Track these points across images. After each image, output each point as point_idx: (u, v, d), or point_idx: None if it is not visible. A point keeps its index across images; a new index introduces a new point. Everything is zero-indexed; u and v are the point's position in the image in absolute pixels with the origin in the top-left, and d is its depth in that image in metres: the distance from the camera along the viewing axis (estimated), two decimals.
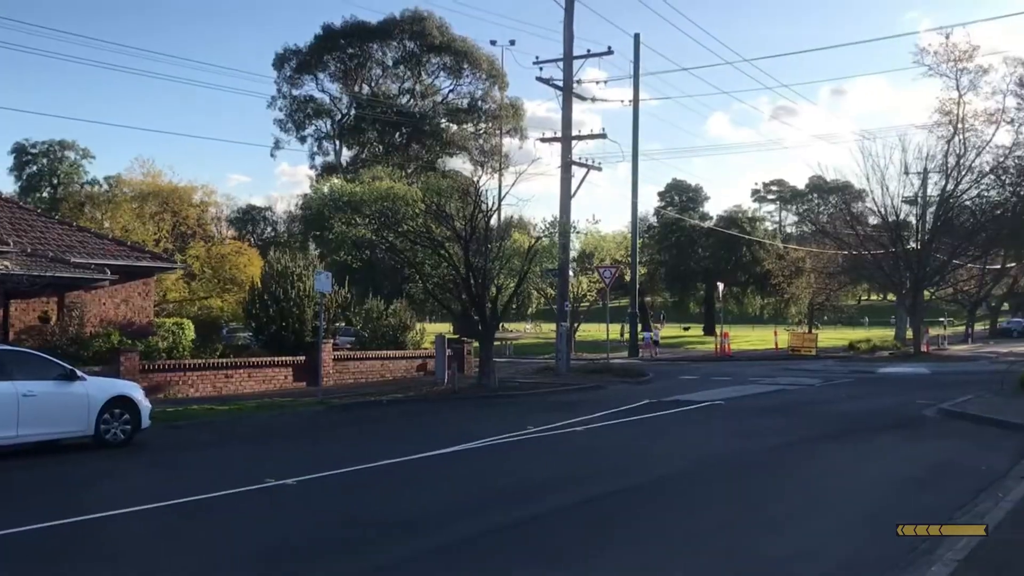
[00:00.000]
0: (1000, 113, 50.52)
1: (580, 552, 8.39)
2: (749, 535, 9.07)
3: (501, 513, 10.02)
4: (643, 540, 8.80)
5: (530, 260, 27.80)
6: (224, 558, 8.26)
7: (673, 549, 8.58)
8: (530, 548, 8.53)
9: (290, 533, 9.12)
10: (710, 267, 77.38)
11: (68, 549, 8.61)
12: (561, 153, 33.93)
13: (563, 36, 33.73)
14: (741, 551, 8.46)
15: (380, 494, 11.34)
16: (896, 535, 8.46)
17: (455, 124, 75.16)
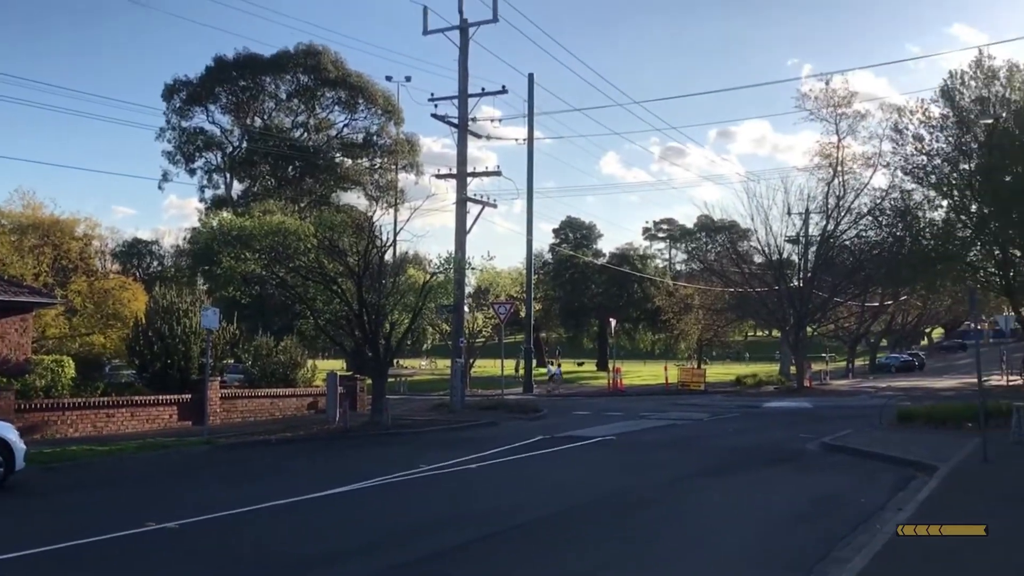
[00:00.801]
0: (877, 157, 52.78)
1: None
2: (627, 574, 9.12)
3: (389, 555, 9.88)
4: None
5: (425, 296, 27.71)
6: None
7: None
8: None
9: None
10: (603, 303, 78.42)
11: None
12: (456, 189, 34.10)
13: (458, 74, 34.02)
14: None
15: (263, 537, 11.04)
16: (778, 569, 8.64)
17: (350, 159, 74.69)
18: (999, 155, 46.50)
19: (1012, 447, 18.13)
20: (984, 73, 47.26)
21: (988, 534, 9.81)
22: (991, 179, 46.92)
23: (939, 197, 50.31)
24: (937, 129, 49.08)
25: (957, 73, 48.21)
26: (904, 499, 12.82)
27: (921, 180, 50.15)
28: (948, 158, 49.10)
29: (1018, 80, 46.91)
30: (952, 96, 47.88)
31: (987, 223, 48.44)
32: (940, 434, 21.86)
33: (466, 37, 33.83)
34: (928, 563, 8.92)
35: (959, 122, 47.79)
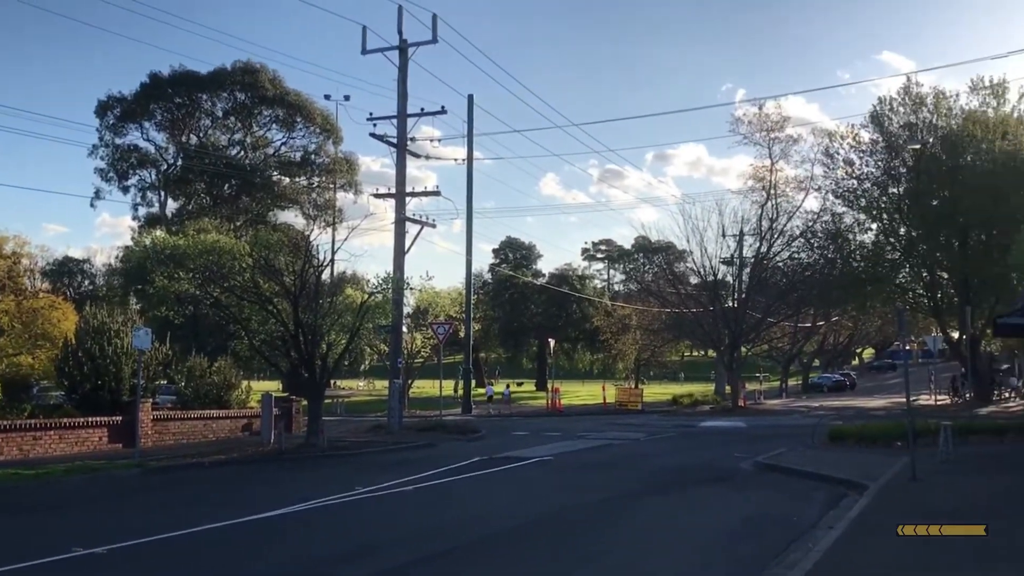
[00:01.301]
0: (809, 181, 53.99)
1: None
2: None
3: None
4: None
5: (362, 316, 27.51)
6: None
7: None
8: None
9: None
10: (542, 323, 78.71)
11: None
12: (395, 209, 33.99)
13: (397, 94, 33.98)
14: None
15: (191, 562, 10.80)
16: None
17: (287, 177, 74.08)
18: (927, 179, 47.84)
19: (940, 465, 18.51)
20: (912, 99, 48.64)
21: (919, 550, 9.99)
22: (919, 203, 48.24)
23: (869, 220, 51.61)
24: (867, 154, 50.39)
25: (886, 99, 49.59)
26: (835, 517, 13.01)
27: (851, 203, 51.40)
28: (878, 182, 50.38)
29: (944, 107, 48.35)
30: (881, 122, 49.19)
31: (915, 246, 49.74)
32: (871, 453, 22.27)
33: (405, 57, 33.83)
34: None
35: (888, 147, 49.11)
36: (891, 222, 50.79)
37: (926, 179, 47.78)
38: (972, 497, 14.37)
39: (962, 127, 46.79)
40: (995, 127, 46.37)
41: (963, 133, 46.44)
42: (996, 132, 46.22)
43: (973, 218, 46.08)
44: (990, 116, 47.17)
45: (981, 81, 48.22)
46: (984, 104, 48.04)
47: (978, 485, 15.84)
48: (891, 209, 50.25)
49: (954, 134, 46.86)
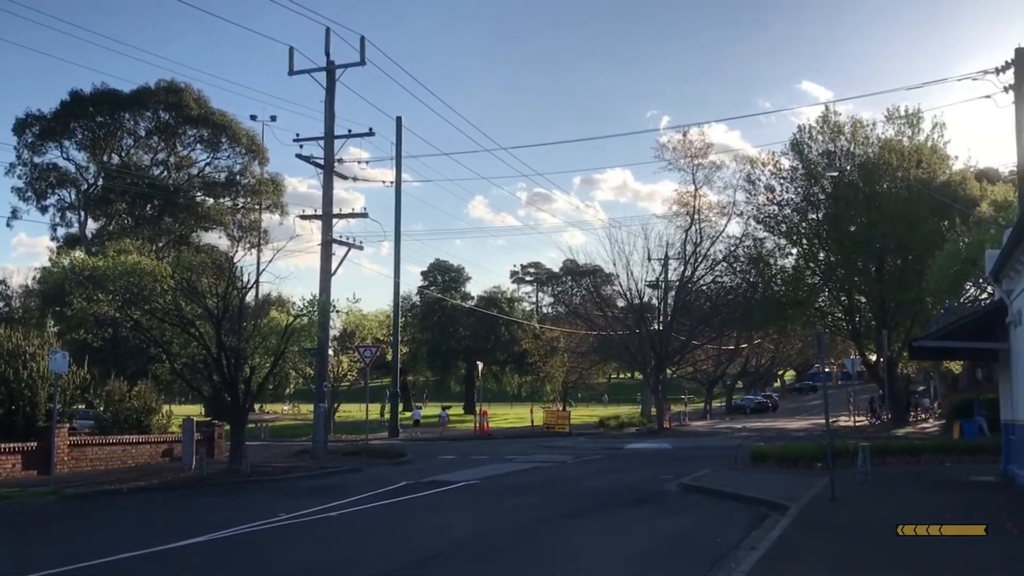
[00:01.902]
0: (731, 206, 55.11)
1: None
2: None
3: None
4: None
5: (287, 339, 27.21)
6: None
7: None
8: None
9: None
10: (471, 346, 78.60)
11: None
12: (322, 231, 33.71)
13: (324, 115, 33.79)
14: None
15: None
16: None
17: (212, 198, 72.89)
18: (845, 206, 49.15)
19: (858, 486, 18.95)
20: (831, 128, 50.00)
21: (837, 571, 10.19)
22: (837, 229, 49.53)
23: (789, 245, 52.85)
24: (787, 180, 51.63)
25: (806, 128, 50.93)
26: (757, 538, 13.21)
27: (772, 229, 52.58)
28: (798, 208, 51.61)
29: (862, 135, 49.80)
30: (801, 149, 50.45)
31: (834, 270, 51.00)
32: (792, 473, 22.70)
33: (332, 79, 33.68)
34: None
35: (808, 174, 50.36)
36: (811, 247, 52.03)
37: (844, 205, 49.08)
38: (889, 517, 14.71)
39: (878, 155, 48.21)
40: (910, 155, 47.89)
41: (879, 161, 47.86)
42: (911, 160, 47.73)
43: (889, 244, 47.44)
44: (905, 145, 48.69)
45: (897, 111, 49.84)
46: (900, 133, 49.58)
47: (894, 505, 16.23)
48: (811, 234, 51.49)
49: (871, 162, 48.25)
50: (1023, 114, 24.54)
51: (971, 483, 19.70)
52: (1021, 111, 24.52)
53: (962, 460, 24.93)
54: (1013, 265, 17.46)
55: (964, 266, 32.03)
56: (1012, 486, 18.98)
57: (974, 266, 29.75)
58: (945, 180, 47.72)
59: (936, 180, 47.14)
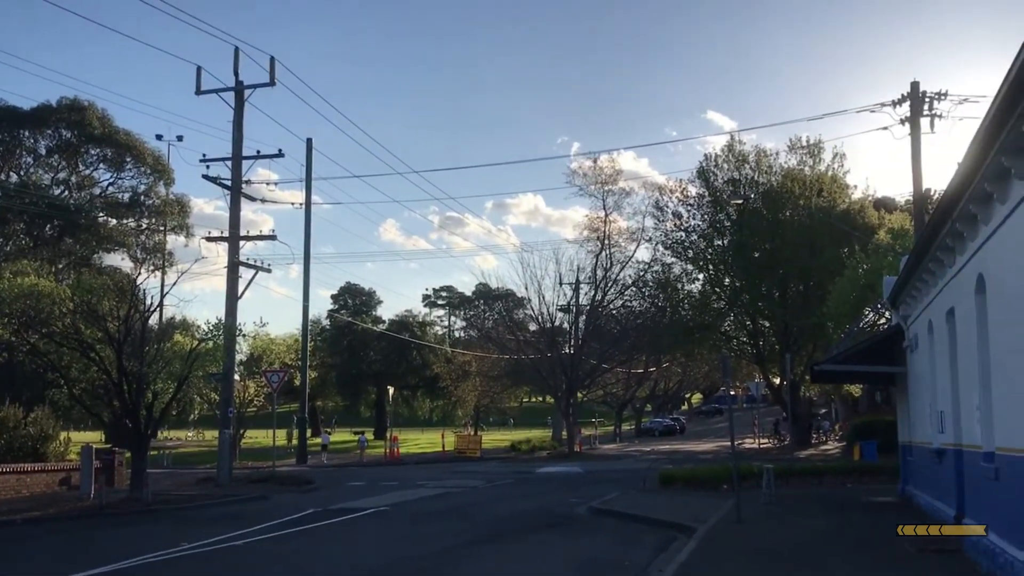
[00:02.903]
0: (640, 232, 56.00)
1: None
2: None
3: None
4: None
5: (192, 364, 26.58)
6: None
7: None
8: None
9: None
10: (382, 370, 77.97)
11: None
12: (228, 253, 33.06)
13: (232, 136, 33.27)
14: None
15: None
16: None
17: (115, 219, 70.85)
18: (749, 232, 50.33)
19: (763, 507, 19.30)
20: (736, 157, 51.26)
21: None
22: (742, 255, 50.68)
23: (696, 271, 53.91)
24: (694, 207, 52.72)
25: (712, 156, 52.14)
26: (665, 560, 13.34)
27: (680, 254, 53.58)
28: (704, 234, 52.70)
29: (765, 164, 51.14)
30: (707, 177, 51.58)
31: (739, 295, 52.13)
32: (699, 496, 23.01)
33: (241, 99, 33.20)
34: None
35: (714, 201, 51.48)
36: (717, 272, 53.11)
37: (749, 232, 50.26)
38: (793, 538, 15.00)
39: (782, 184, 49.55)
40: (812, 184, 49.35)
41: (782, 189, 49.19)
42: (813, 189, 49.18)
43: (792, 269, 48.70)
44: (807, 174, 50.14)
45: (799, 141, 51.32)
46: (802, 163, 51.03)
47: (798, 526, 16.58)
48: (717, 260, 52.58)
49: (774, 190, 49.55)
50: (919, 145, 25.56)
51: (872, 504, 20.24)
52: (917, 142, 25.53)
53: (862, 481, 25.64)
54: (909, 291, 18.07)
55: (863, 292, 33.01)
56: (910, 506, 19.56)
57: (873, 292, 30.70)
58: (845, 208, 49.32)
59: (837, 208, 48.65)
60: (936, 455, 15.98)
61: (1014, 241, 9.69)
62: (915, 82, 25.83)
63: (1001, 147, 9.04)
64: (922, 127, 25.51)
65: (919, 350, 18.28)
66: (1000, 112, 8.51)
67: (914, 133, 25.45)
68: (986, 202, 10.56)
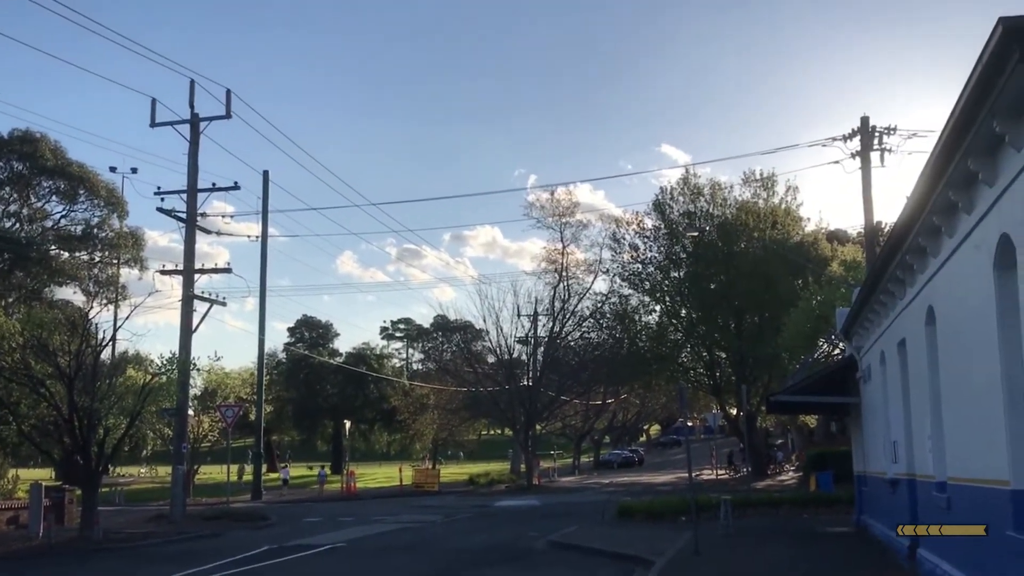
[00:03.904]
0: (598, 264, 56.30)
1: None
2: None
3: None
4: None
5: (145, 399, 26.18)
6: None
7: None
8: None
9: None
10: (338, 404, 77.33)
11: None
12: (183, 286, 32.75)
13: (188, 168, 33.05)
14: None
15: None
16: None
17: (67, 252, 69.88)
18: (705, 264, 50.82)
19: (721, 539, 19.35)
20: (691, 190, 51.81)
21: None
22: (698, 286, 51.12)
23: (653, 302, 54.24)
24: (651, 239, 53.15)
25: (667, 189, 52.67)
26: None
27: (637, 286, 53.92)
28: (661, 266, 53.10)
29: (720, 197, 51.74)
30: (663, 210, 52.06)
31: (696, 327, 52.50)
32: (657, 528, 23.03)
33: (197, 131, 33.03)
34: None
35: (670, 233, 51.93)
36: (673, 304, 53.48)
37: (704, 264, 50.74)
38: (750, 570, 15.05)
39: (736, 216, 50.13)
40: (766, 217, 50.00)
41: (737, 222, 49.76)
42: (767, 221, 49.83)
43: (747, 301, 49.15)
44: (761, 207, 50.79)
45: (752, 174, 51.99)
46: (756, 196, 51.67)
47: (754, 557, 16.64)
48: (673, 292, 52.95)
49: (729, 223, 50.10)
50: (869, 179, 26.04)
51: (828, 534, 20.40)
52: (867, 176, 26.00)
53: (819, 511, 25.82)
54: (862, 323, 18.33)
55: (817, 323, 33.42)
56: (866, 536, 19.72)
57: (827, 323, 31.09)
58: (799, 240, 50.00)
59: (790, 240, 49.30)
60: (890, 485, 16.15)
61: (962, 273, 9.89)
62: (865, 117, 26.33)
63: (948, 181, 9.26)
64: (872, 161, 25.97)
65: (872, 381, 18.52)
66: (946, 147, 8.72)
67: (864, 167, 25.91)
68: (935, 235, 10.78)
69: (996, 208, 8.44)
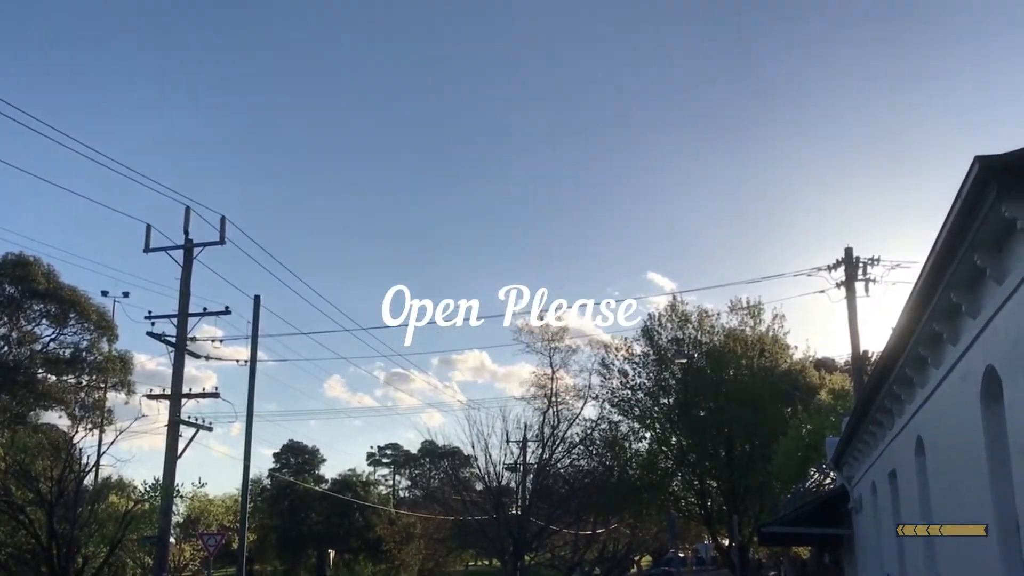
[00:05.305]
0: (587, 389, 56.10)
1: None
2: None
3: None
4: None
5: (126, 526, 25.68)
6: None
7: None
8: None
9: None
10: (323, 532, 75.70)
11: None
12: (170, 411, 32.43)
13: (179, 293, 33.17)
14: None
15: None
16: None
17: (54, 375, 69.58)
18: (694, 391, 50.81)
19: None
20: (678, 316, 52.25)
21: None
22: (688, 414, 50.98)
23: (643, 429, 53.95)
24: (640, 365, 53.25)
25: (656, 315, 53.04)
26: None
27: (627, 412, 53.71)
28: (650, 393, 53.05)
29: (708, 324, 52.15)
30: (652, 336, 52.37)
31: (686, 455, 52.13)
32: None
33: (190, 257, 33.31)
34: None
35: (659, 360, 52.10)
36: (663, 431, 53.16)
37: (694, 391, 50.68)
38: None
39: (724, 343, 50.39)
40: (753, 345, 50.28)
41: (725, 349, 50.00)
42: (754, 349, 50.08)
43: (737, 428, 48.93)
44: (748, 334, 51.11)
45: (739, 302, 52.50)
46: (743, 323, 52.05)
47: None
48: (663, 419, 52.73)
49: (717, 350, 50.32)
50: (855, 308, 26.38)
51: None
52: (853, 306, 26.36)
53: None
54: (852, 453, 18.31)
55: (808, 452, 33.26)
56: None
57: (817, 452, 30.95)
58: (787, 368, 50.14)
59: (779, 368, 49.45)
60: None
61: (950, 405, 9.98)
62: (848, 248, 26.88)
63: (932, 313, 9.44)
64: (857, 291, 26.39)
65: (864, 511, 18.37)
66: (929, 280, 8.92)
67: (850, 297, 26.30)
68: (921, 366, 10.91)
69: (980, 340, 8.59)
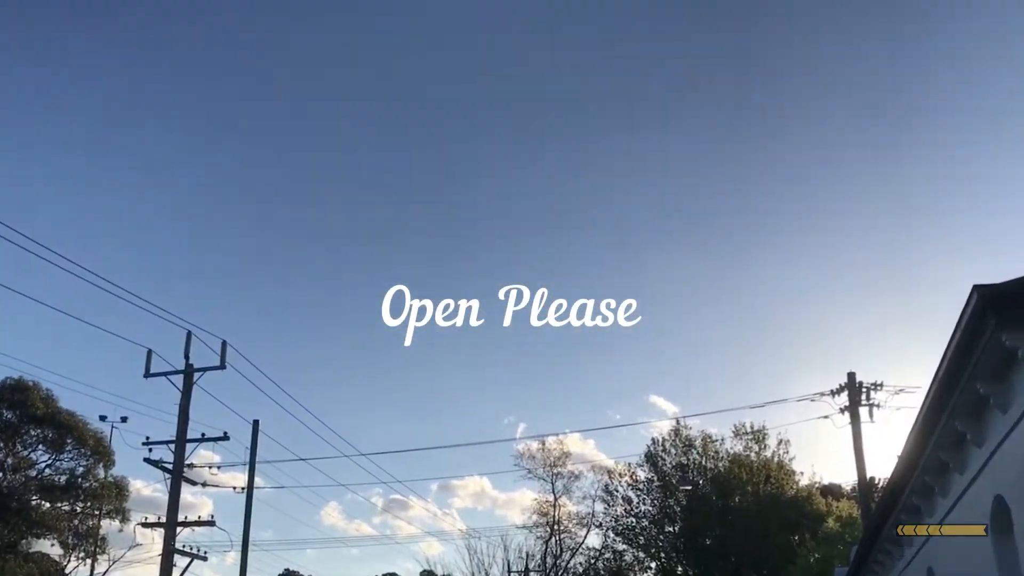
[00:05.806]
0: (591, 517, 55.06)
1: None
2: None
3: None
4: None
5: None
6: None
7: None
8: None
9: None
10: None
11: None
12: (164, 539, 31.75)
13: (178, 419, 32.84)
14: None
15: None
16: None
17: (48, 502, 68.39)
18: (699, 518, 49.89)
19: None
20: (682, 441, 51.75)
21: None
22: (693, 542, 49.96)
23: (648, 558, 52.74)
24: (644, 492, 52.44)
25: (659, 440, 52.51)
26: None
27: (631, 541, 52.61)
28: (655, 520, 52.10)
29: (712, 449, 51.59)
30: (656, 461, 51.74)
31: None
32: None
33: (190, 382, 33.14)
34: None
35: (663, 486, 51.34)
36: (669, 560, 51.95)
37: (699, 518, 49.74)
38: None
39: (729, 469, 49.70)
40: (758, 470, 49.56)
41: (730, 475, 49.28)
42: (760, 475, 49.33)
43: (744, 557, 47.80)
44: (753, 460, 50.43)
45: (743, 427, 51.99)
46: (747, 448, 51.45)
47: None
48: (668, 547, 51.60)
49: (722, 475, 49.61)
50: (860, 434, 26.11)
51: None
52: (857, 431, 26.09)
53: None
54: None
55: None
56: None
57: None
58: (793, 495, 49.29)
59: (785, 494, 48.61)
60: None
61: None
62: (851, 373, 26.74)
63: (937, 442, 9.33)
64: (861, 416, 26.13)
65: None
66: (933, 408, 8.86)
67: (854, 422, 26.04)
68: (928, 495, 10.73)
69: (988, 469, 8.47)
